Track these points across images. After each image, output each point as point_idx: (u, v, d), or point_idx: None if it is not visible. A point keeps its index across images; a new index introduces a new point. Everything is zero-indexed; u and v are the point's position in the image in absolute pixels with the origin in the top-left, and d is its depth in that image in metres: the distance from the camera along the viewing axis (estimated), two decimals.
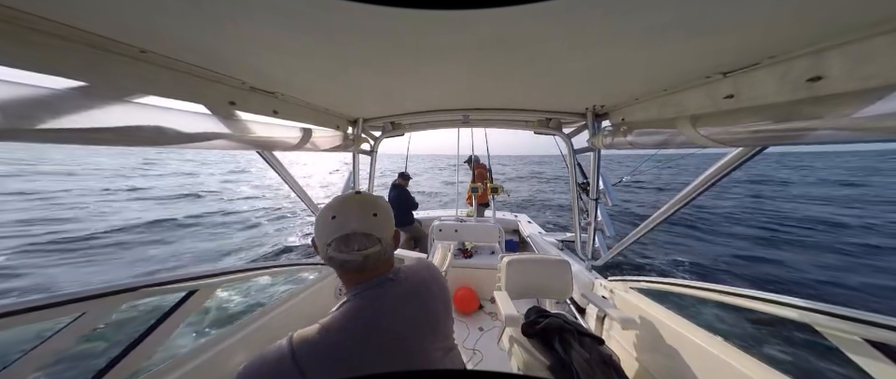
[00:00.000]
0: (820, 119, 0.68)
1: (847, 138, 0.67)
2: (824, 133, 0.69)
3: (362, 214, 0.64)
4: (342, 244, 0.62)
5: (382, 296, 0.64)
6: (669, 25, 0.68)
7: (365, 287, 0.65)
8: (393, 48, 0.84)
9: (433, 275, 0.78)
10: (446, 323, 0.75)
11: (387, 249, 0.68)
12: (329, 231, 0.63)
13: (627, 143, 1.45)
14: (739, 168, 1.24)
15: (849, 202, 14.54)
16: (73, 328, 0.86)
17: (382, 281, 0.66)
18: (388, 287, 0.66)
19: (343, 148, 1.93)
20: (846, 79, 0.66)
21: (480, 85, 1.34)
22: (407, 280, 0.70)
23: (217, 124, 1.08)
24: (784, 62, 0.78)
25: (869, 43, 0.61)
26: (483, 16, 0.65)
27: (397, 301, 0.65)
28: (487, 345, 2.19)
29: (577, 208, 2.30)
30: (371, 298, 0.64)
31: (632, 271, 5.31)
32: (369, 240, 0.63)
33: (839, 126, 0.66)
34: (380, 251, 0.65)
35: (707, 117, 1.02)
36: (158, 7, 0.60)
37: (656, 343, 1.53)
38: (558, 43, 0.79)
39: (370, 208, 0.66)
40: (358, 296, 0.64)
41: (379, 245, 0.64)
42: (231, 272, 1.30)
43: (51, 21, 0.63)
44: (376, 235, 0.64)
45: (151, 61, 0.87)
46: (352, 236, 0.62)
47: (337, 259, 0.63)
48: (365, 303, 0.63)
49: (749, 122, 0.85)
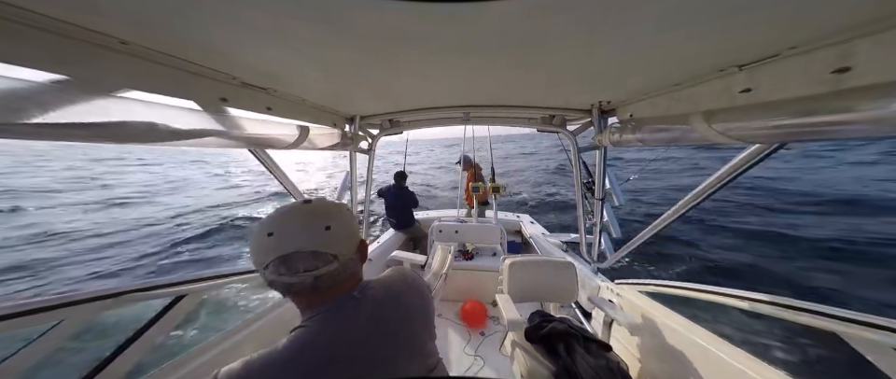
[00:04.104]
0: (847, 112, 0.63)
1: (875, 133, 0.62)
2: (851, 128, 0.64)
3: (308, 228, 0.56)
4: (281, 266, 0.53)
5: (341, 319, 0.56)
6: (682, 16, 0.64)
7: (319, 311, 0.57)
8: (391, 42, 0.80)
9: (411, 285, 0.70)
10: (427, 338, 0.68)
11: (349, 265, 0.60)
12: (263, 251, 0.54)
13: (636, 140, 1.40)
14: (756, 166, 1.18)
15: None
16: (50, 337, 0.81)
17: (342, 301, 0.58)
18: (351, 308, 0.58)
19: (339, 147, 1.89)
20: (876, 70, 0.62)
21: (481, 81, 1.30)
22: (375, 297, 0.62)
23: (207, 121, 1.03)
24: (807, 53, 0.74)
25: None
26: (484, 9, 0.61)
27: (364, 320, 0.58)
28: (489, 351, 2.14)
29: (582, 208, 2.25)
30: (327, 322, 0.55)
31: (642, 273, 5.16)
32: (319, 259, 0.54)
33: (867, 120, 0.61)
34: (338, 269, 0.57)
35: (722, 112, 0.97)
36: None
37: (667, 350, 1.47)
38: (563, 36, 0.76)
39: (320, 220, 0.57)
40: (311, 321, 0.56)
41: (335, 263, 0.56)
42: (220, 276, 1.25)
43: (13, 5, 0.58)
44: (330, 252, 0.55)
45: (134, 53, 0.83)
46: (294, 256, 0.53)
47: (279, 283, 0.54)
48: (317, 330, 0.54)
49: (768, 118, 0.81)
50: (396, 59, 0.95)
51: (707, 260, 5.72)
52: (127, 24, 0.71)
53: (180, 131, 0.92)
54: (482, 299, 2.63)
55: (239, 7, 0.61)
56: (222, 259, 6.87)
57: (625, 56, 0.91)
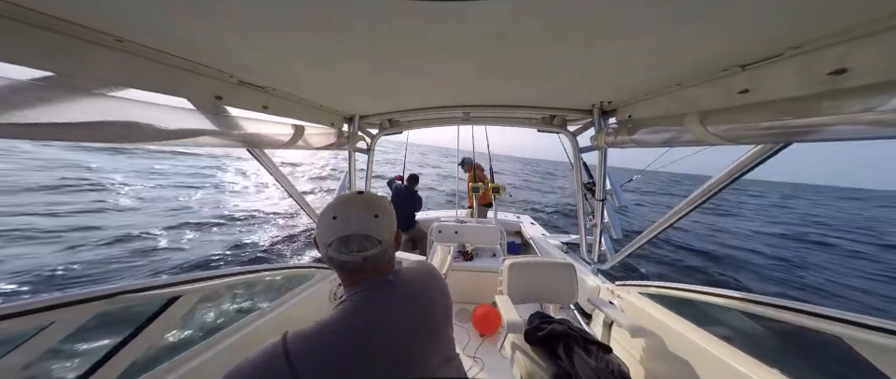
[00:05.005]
0: (842, 113, 0.63)
1: (869, 134, 0.62)
2: (845, 129, 0.65)
3: (363, 215, 0.64)
4: (341, 245, 0.62)
5: (381, 298, 0.64)
6: (687, 15, 0.63)
7: (364, 288, 0.64)
8: (390, 42, 0.80)
9: (434, 278, 0.77)
10: (446, 331, 0.73)
11: (388, 250, 0.68)
12: (329, 231, 0.63)
13: (631, 141, 1.39)
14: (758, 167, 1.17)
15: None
16: (37, 340, 0.79)
17: (381, 283, 0.66)
18: (387, 290, 0.65)
19: (337, 146, 1.87)
20: (874, 71, 0.61)
21: (481, 80, 1.28)
22: (407, 283, 0.69)
23: (202, 120, 1.02)
24: (808, 53, 0.73)
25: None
26: (484, 8, 0.61)
27: (396, 303, 0.65)
28: (488, 353, 2.12)
29: (582, 209, 2.23)
30: (370, 299, 0.63)
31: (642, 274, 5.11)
32: (368, 241, 0.63)
33: (862, 121, 0.61)
34: (380, 252, 0.65)
35: (718, 113, 0.97)
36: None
37: (667, 352, 1.46)
38: (565, 35, 0.75)
39: (371, 209, 0.65)
40: (357, 296, 0.63)
41: (379, 247, 0.64)
42: (216, 276, 1.23)
43: (8, 2, 0.57)
44: (376, 237, 0.64)
45: (129, 50, 0.81)
46: (352, 237, 0.62)
47: (337, 259, 0.63)
48: (363, 304, 0.62)
49: (766, 118, 0.80)
50: (395, 58, 0.94)
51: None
52: (123, 21, 0.70)
53: (174, 130, 0.90)
54: (482, 299, 2.61)
55: (237, 5, 0.60)
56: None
57: (628, 55, 0.90)
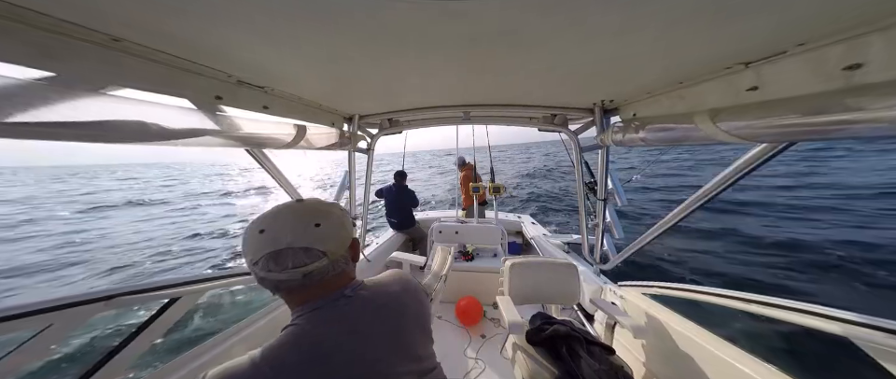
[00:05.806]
0: (859, 111, 0.61)
1: (890, 132, 0.60)
2: (862, 127, 0.62)
3: (300, 225, 0.57)
4: (271, 262, 0.54)
5: (332, 318, 0.57)
6: (686, 12, 0.62)
7: (309, 309, 0.57)
8: (390, 41, 0.79)
9: (406, 287, 0.70)
10: (422, 341, 0.67)
11: (339, 263, 0.60)
12: (255, 247, 0.55)
13: (639, 139, 1.37)
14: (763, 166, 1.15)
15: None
16: (35, 342, 0.78)
17: (333, 299, 0.58)
18: (342, 306, 0.58)
19: (338, 146, 1.86)
20: (891, 66, 0.59)
21: (481, 80, 1.27)
22: (371, 296, 0.63)
23: (202, 120, 1.01)
24: (816, 49, 0.72)
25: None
26: (485, 6, 0.60)
27: (355, 319, 0.58)
28: (490, 354, 2.11)
29: (584, 209, 2.22)
30: (317, 321, 0.55)
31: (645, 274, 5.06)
32: (308, 255, 0.55)
33: (881, 119, 0.59)
34: (326, 266, 0.57)
35: (728, 111, 0.95)
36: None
37: (671, 354, 1.44)
38: (565, 34, 0.74)
39: (311, 217, 0.58)
40: (301, 318, 0.56)
41: (324, 260, 0.56)
42: (216, 278, 1.22)
43: (7, 2, 0.56)
44: (318, 248, 0.56)
45: (127, 50, 0.81)
46: (284, 252, 0.54)
47: (269, 280, 0.55)
48: (308, 328, 0.54)
49: (776, 116, 0.79)
50: (395, 57, 0.93)
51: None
52: (121, 21, 0.69)
53: (173, 130, 0.89)
54: (482, 301, 2.60)
55: (237, 4, 0.59)
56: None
57: (628, 53, 0.89)
